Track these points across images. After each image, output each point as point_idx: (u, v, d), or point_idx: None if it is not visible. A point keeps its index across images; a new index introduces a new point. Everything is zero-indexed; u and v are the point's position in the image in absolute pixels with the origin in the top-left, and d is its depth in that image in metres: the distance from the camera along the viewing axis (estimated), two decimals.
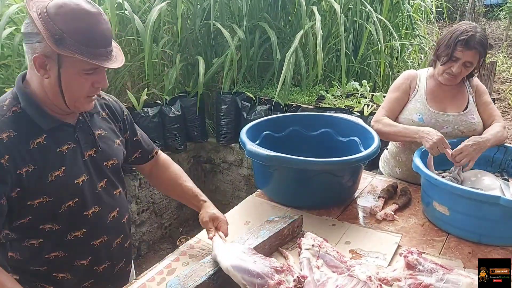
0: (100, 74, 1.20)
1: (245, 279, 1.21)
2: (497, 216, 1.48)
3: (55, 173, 1.20)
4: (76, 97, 1.19)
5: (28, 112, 1.19)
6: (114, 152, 1.38)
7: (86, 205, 1.29)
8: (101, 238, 1.35)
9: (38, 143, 1.19)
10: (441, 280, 1.28)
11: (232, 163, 3.83)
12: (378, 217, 1.73)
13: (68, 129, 1.26)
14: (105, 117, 1.40)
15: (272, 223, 1.56)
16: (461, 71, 1.86)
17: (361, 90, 3.47)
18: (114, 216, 1.38)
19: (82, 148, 1.28)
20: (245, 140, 1.81)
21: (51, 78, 1.15)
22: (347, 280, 1.26)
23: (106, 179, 1.36)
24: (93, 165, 1.31)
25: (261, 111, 3.38)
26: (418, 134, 1.82)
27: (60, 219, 1.24)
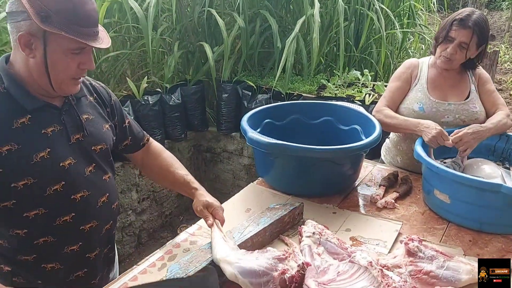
0: (86, 54, 1.18)
1: (252, 282, 1.19)
2: (498, 204, 1.48)
3: (40, 154, 1.18)
4: (61, 78, 1.17)
5: (12, 92, 1.16)
6: (102, 137, 1.36)
7: (74, 189, 1.26)
8: (91, 223, 1.33)
9: (22, 123, 1.16)
10: (442, 267, 1.28)
11: (232, 152, 3.83)
12: (379, 205, 1.73)
13: (53, 111, 1.23)
14: (93, 102, 1.37)
15: (272, 210, 1.56)
16: (456, 53, 1.83)
17: (363, 80, 3.46)
18: (104, 201, 1.36)
19: (68, 131, 1.25)
20: (246, 128, 1.80)
21: (37, 58, 1.13)
22: (348, 266, 1.26)
23: (94, 164, 1.33)
24: (81, 149, 1.29)
25: (262, 100, 3.37)
26: (418, 127, 1.82)
27: (47, 203, 1.21)
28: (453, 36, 1.81)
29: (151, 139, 1.61)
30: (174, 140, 3.57)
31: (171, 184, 1.57)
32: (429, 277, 1.25)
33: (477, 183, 1.49)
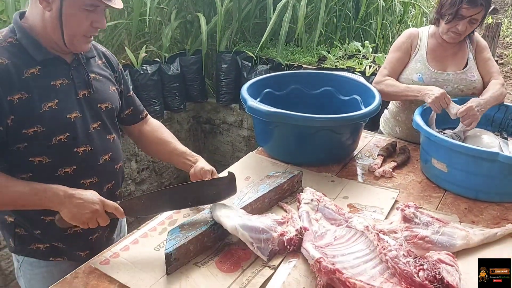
0: (99, 13, 1.22)
1: (252, 237, 1.23)
2: (495, 172, 1.50)
3: (48, 104, 1.22)
4: (74, 33, 1.21)
5: (23, 43, 1.21)
6: (108, 96, 1.40)
7: (78, 142, 1.30)
8: (92, 178, 1.36)
9: (31, 73, 1.20)
10: (437, 233, 1.31)
11: (232, 124, 3.83)
12: (377, 174, 1.75)
13: (62, 65, 1.28)
14: (101, 65, 1.42)
15: (272, 178, 1.58)
16: (466, 29, 1.83)
17: (363, 51, 3.43)
18: (106, 159, 1.39)
19: (76, 86, 1.30)
20: (246, 97, 1.80)
21: (53, 11, 1.17)
22: (345, 231, 1.29)
23: (100, 122, 1.37)
24: (87, 104, 1.32)
25: (261, 71, 3.35)
26: (420, 92, 1.82)
27: (51, 152, 1.25)
28: (464, 14, 1.79)
29: (149, 116, 1.65)
30: (173, 111, 3.57)
31: (169, 156, 1.55)
32: (424, 242, 1.28)
33: (474, 152, 1.51)
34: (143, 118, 1.60)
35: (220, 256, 1.26)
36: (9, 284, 2.39)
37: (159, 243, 1.31)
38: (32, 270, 1.40)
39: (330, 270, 1.07)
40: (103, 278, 1.18)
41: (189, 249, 1.23)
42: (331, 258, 1.14)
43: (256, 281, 1.16)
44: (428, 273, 1.05)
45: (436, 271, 1.06)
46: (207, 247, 1.29)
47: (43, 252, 1.37)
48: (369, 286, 1.03)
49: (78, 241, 1.38)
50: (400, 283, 1.07)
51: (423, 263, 1.09)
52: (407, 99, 1.95)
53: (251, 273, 1.19)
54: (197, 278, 1.18)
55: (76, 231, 1.36)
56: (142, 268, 1.21)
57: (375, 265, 1.14)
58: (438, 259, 1.14)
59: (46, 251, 1.37)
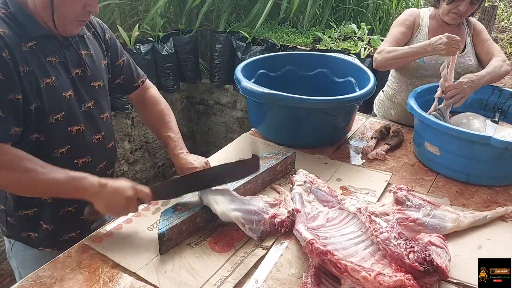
0: None
1: (244, 218, 1.24)
2: (487, 156, 1.51)
3: (46, 80, 1.19)
4: (65, 16, 1.17)
5: (18, 17, 1.16)
6: (101, 73, 1.37)
7: (71, 121, 1.28)
8: (85, 158, 1.34)
9: (29, 47, 1.16)
10: (428, 215, 1.32)
11: (225, 105, 3.81)
12: (370, 156, 1.76)
13: (55, 43, 1.24)
14: (91, 37, 1.37)
15: (265, 159, 1.58)
16: (467, 9, 1.82)
17: (359, 33, 3.40)
18: (99, 139, 1.38)
19: (68, 65, 1.26)
20: (240, 77, 1.79)
21: None
22: (338, 213, 1.29)
23: (94, 101, 1.34)
24: (81, 83, 1.30)
25: (256, 52, 3.31)
26: (428, 47, 1.76)
27: (47, 131, 1.23)
28: None
29: (149, 85, 1.59)
30: (166, 91, 3.53)
31: (159, 138, 1.55)
32: (415, 224, 1.29)
33: (467, 136, 1.51)
34: (137, 87, 1.54)
35: (213, 236, 1.27)
36: (1, 263, 2.39)
37: (152, 223, 1.32)
38: (24, 251, 1.40)
39: (322, 251, 1.08)
40: (96, 258, 1.19)
41: (182, 229, 1.23)
42: (323, 239, 1.15)
43: (248, 261, 1.17)
44: (418, 255, 1.06)
45: (426, 253, 1.07)
46: (200, 227, 1.29)
47: (33, 241, 1.36)
48: (360, 267, 1.04)
49: (70, 221, 1.38)
50: (391, 264, 1.09)
51: (414, 245, 1.10)
52: (414, 58, 1.88)
53: (243, 253, 1.20)
54: (190, 258, 1.18)
55: (68, 211, 1.35)
56: (135, 248, 1.22)
57: (366, 247, 1.15)
58: (428, 241, 1.16)
59: (36, 240, 1.36)
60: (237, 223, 1.25)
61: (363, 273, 1.02)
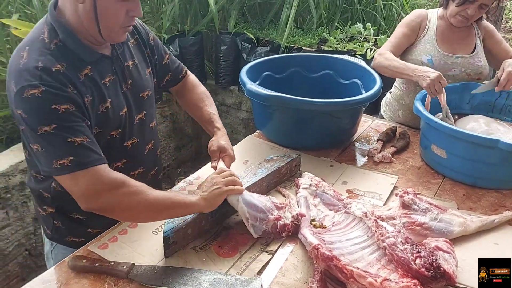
0: (134, 1, 1.16)
1: (250, 213, 1.24)
2: (495, 159, 1.49)
3: (104, 105, 1.20)
4: (111, 26, 1.15)
5: (69, 45, 1.15)
6: (147, 83, 1.38)
7: (125, 137, 1.30)
8: (139, 169, 1.38)
9: (85, 75, 1.17)
10: (435, 219, 1.31)
11: (231, 106, 3.80)
12: (376, 159, 1.74)
13: (107, 61, 1.24)
14: (135, 45, 1.37)
15: (270, 161, 1.57)
16: (475, 13, 1.81)
17: (365, 34, 3.39)
18: (150, 148, 1.41)
19: (120, 80, 1.27)
20: (245, 80, 1.78)
21: (86, 4, 1.10)
22: (344, 216, 1.29)
23: (144, 111, 1.36)
24: (132, 96, 1.31)
25: (261, 53, 3.31)
26: (415, 72, 1.77)
27: (103, 149, 1.22)
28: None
29: (189, 72, 1.64)
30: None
31: (198, 120, 1.59)
32: (422, 228, 1.28)
33: (474, 139, 1.50)
34: (182, 78, 1.59)
35: (218, 240, 1.27)
36: (7, 264, 2.41)
37: (157, 226, 1.31)
38: (65, 254, 1.37)
39: (328, 257, 1.07)
40: None
41: (187, 233, 1.23)
42: (329, 244, 1.14)
43: (254, 266, 1.17)
44: (425, 261, 1.05)
45: (433, 258, 1.06)
46: (205, 231, 1.29)
47: (77, 243, 1.36)
48: (366, 273, 1.03)
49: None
50: (397, 270, 1.08)
51: (420, 250, 1.09)
52: (401, 77, 1.91)
53: (249, 258, 1.20)
54: (195, 263, 1.18)
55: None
56: (140, 252, 1.21)
57: (372, 252, 1.14)
58: (435, 246, 1.15)
59: (80, 243, 1.35)
60: (242, 215, 1.25)
61: (369, 279, 1.02)
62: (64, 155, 1.07)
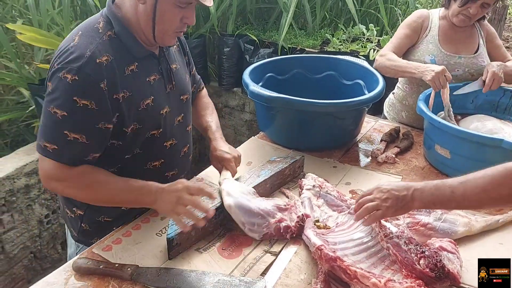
0: (190, 10, 1.20)
1: (244, 218, 1.24)
2: (499, 159, 1.47)
3: (146, 101, 1.23)
4: (165, 29, 1.19)
5: (122, 38, 1.19)
6: (187, 86, 1.42)
7: (166, 136, 1.32)
8: (174, 170, 1.40)
9: (131, 70, 1.20)
10: (439, 220, 1.30)
11: (234, 107, 3.81)
12: (379, 159, 1.74)
13: (154, 60, 1.28)
14: (177, 50, 1.41)
15: (273, 163, 1.57)
16: (477, 12, 1.81)
17: (368, 34, 3.38)
18: (185, 151, 1.43)
19: (165, 80, 1.30)
20: (248, 81, 1.78)
21: (147, 5, 1.15)
22: (347, 217, 1.29)
23: (183, 114, 1.39)
24: (173, 98, 1.34)
25: (264, 55, 3.31)
26: (418, 69, 1.78)
27: (143, 147, 1.27)
28: None
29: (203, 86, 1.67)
30: None
31: (198, 128, 1.60)
32: (426, 228, 1.28)
33: (478, 138, 1.49)
34: (200, 91, 1.62)
35: (222, 242, 1.27)
36: (13, 267, 2.42)
37: (161, 228, 1.32)
38: None
39: (331, 257, 1.07)
40: None
41: (191, 234, 1.23)
42: (332, 245, 1.14)
43: (257, 268, 1.17)
44: (429, 261, 1.05)
45: (437, 259, 1.06)
46: (208, 232, 1.29)
47: None
48: (370, 274, 1.03)
49: None
50: (401, 270, 1.07)
51: (424, 251, 1.09)
52: (404, 75, 1.92)
53: (252, 259, 1.20)
54: (199, 264, 1.18)
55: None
56: (144, 254, 1.22)
57: (376, 252, 1.14)
58: (439, 247, 1.14)
59: None
60: (237, 221, 1.25)
61: (373, 280, 1.01)
62: (52, 141, 1.13)
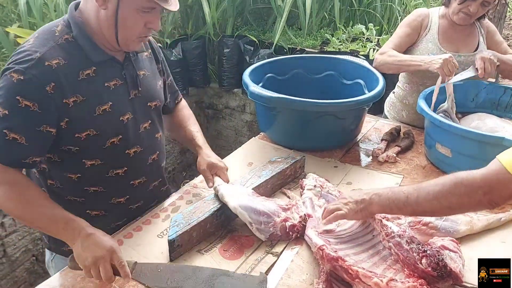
0: (155, 15, 1.18)
1: (251, 218, 1.24)
2: None
3: (102, 107, 1.21)
4: (128, 34, 1.18)
5: (80, 42, 1.17)
6: (157, 93, 1.39)
7: (129, 143, 1.30)
8: (140, 178, 1.37)
9: (87, 75, 1.18)
10: (441, 218, 1.30)
11: (234, 108, 3.81)
12: (380, 159, 1.74)
13: (116, 65, 1.25)
14: (148, 57, 1.39)
15: (274, 163, 1.57)
16: (478, 10, 1.81)
17: (367, 34, 3.38)
18: (154, 158, 1.40)
19: (128, 86, 1.28)
20: (248, 82, 1.78)
21: (108, 10, 1.13)
22: None
23: (150, 121, 1.36)
24: (138, 104, 1.31)
25: (264, 55, 3.31)
26: (423, 61, 1.79)
27: (103, 155, 1.25)
28: None
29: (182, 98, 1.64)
30: None
31: (182, 140, 1.59)
32: (428, 227, 1.27)
33: (479, 137, 1.49)
34: (178, 103, 1.59)
35: (223, 243, 1.27)
36: (15, 270, 2.42)
37: (162, 230, 1.32)
38: (65, 263, 1.37)
39: (333, 257, 1.07)
40: None
41: (192, 236, 1.23)
42: (334, 245, 1.14)
43: (259, 268, 1.16)
44: (431, 260, 1.05)
45: (439, 258, 1.05)
46: (210, 234, 1.29)
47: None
48: (372, 273, 1.03)
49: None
50: (403, 270, 1.07)
51: (426, 250, 1.08)
52: (409, 69, 1.92)
53: (254, 260, 1.20)
54: (201, 266, 1.18)
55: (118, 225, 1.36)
56: (145, 255, 1.21)
57: (378, 252, 1.14)
58: (441, 246, 1.14)
59: None
60: (245, 221, 1.25)
61: (375, 279, 1.01)
62: None
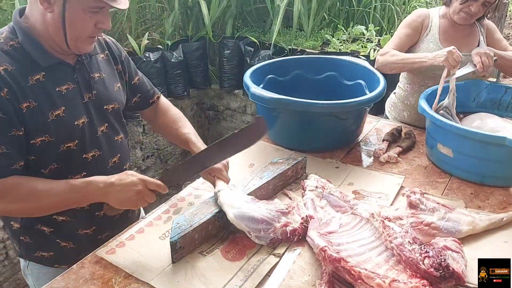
0: (104, 14, 1.16)
1: (248, 227, 1.23)
2: (502, 157, 1.48)
3: (55, 112, 1.18)
4: (78, 36, 1.16)
5: (26, 47, 1.15)
6: (113, 96, 1.35)
7: (85, 148, 1.27)
8: None
9: (37, 80, 1.15)
10: (443, 219, 1.30)
11: (235, 110, 3.81)
12: (382, 159, 1.74)
13: (67, 69, 1.23)
14: (105, 59, 1.36)
15: (276, 164, 1.57)
16: (479, 11, 1.81)
17: (368, 34, 3.38)
18: (115, 162, 1.37)
19: (81, 90, 1.25)
20: (248, 83, 1.78)
21: (55, 13, 1.11)
22: (350, 218, 1.28)
23: (107, 124, 1.34)
24: (94, 108, 1.29)
25: (265, 56, 3.32)
26: (427, 57, 1.80)
27: (59, 160, 1.23)
28: None
29: (161, 97, 1.61)
30: (176, 97, 3.55)
31: (176, 142, 1.57)
32: (430, 228, 1.27)
33: (481, 136, 1.49)
34: (153, 103, 1.56)
35: (225, 244, 1.26)
36: (17, 273, 2.42)
37: (164, 232, 1.32)
38: (39, 269, 1.39)
39: (335, 258, 1.07)
40: (109, 268, 1.19)
41: (194, 237, 1.23)
42: (336, 246, 1.14)
43: (261, 269, 1.16)
44: (433, 261, 1.05)
45: (442, 258, 1.05)
46: (212, 235, 1.29)
47: (47, 259, 1.36)
48: (374, 274, 1.03)
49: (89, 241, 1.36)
50: (405, 270, 1.07)
51: (429, 250, 1.08)
52: (413, 67, 1.92)
53: (256, 261, 1.19)
54: (203, 267, 1.18)
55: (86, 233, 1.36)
56: (147, 258, 1.21)
57: (380, 253, 1.13)
58: (444, 246, 1.14)
59: (50, 259, 1.36)
60: (243, 230, 1.24)
61: (377, 280, 1.01)
62: None
